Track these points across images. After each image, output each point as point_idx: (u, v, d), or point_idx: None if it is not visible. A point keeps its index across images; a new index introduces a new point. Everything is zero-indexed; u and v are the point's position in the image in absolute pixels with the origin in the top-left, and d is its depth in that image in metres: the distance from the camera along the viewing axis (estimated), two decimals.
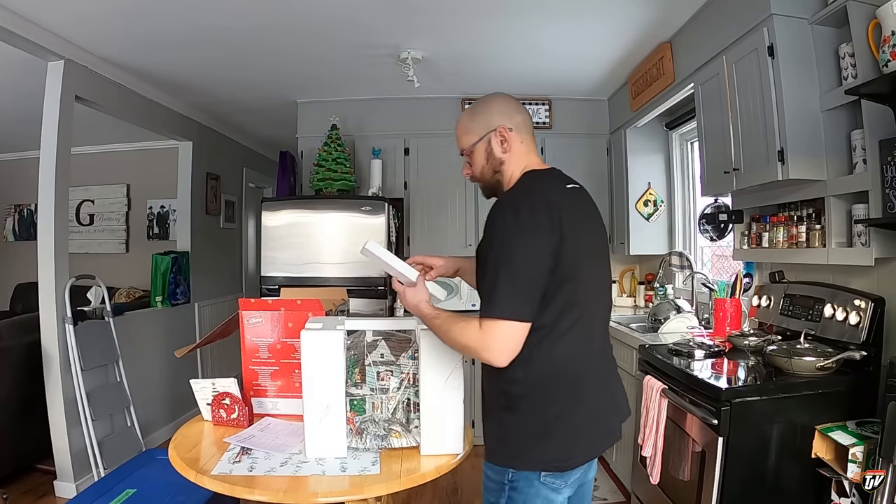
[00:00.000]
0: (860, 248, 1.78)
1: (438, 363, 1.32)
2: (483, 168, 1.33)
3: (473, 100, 3.79)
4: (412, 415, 1.36)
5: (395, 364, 1.36)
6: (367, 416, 1.36)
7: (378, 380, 1.36)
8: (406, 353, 1.36)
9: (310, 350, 1.30)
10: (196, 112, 4.11)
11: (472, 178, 1.38)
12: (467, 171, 1.38)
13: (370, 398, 1.36)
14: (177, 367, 3.82)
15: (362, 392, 1.35)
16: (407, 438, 1.36)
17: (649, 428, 2.04)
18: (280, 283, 3.19)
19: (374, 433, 1.35)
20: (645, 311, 3.45)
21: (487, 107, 1.33)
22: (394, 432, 1.35)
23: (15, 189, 5.32)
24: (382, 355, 1.36)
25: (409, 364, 1.36)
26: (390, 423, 1.36)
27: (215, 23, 2.61)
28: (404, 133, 3.84)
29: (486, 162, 1.32)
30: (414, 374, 1.35)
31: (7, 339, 2.84)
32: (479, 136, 1.31)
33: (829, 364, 1.73)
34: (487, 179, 1.35)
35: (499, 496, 1.21)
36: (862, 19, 1.70)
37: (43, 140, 2.74)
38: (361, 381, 1.36)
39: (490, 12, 2.58)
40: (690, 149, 3.51)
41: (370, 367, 1.35)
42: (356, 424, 1.35)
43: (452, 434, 1.34)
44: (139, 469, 2.28)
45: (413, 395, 1.36)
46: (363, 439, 1.35)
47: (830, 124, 1.91)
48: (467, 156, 1.35)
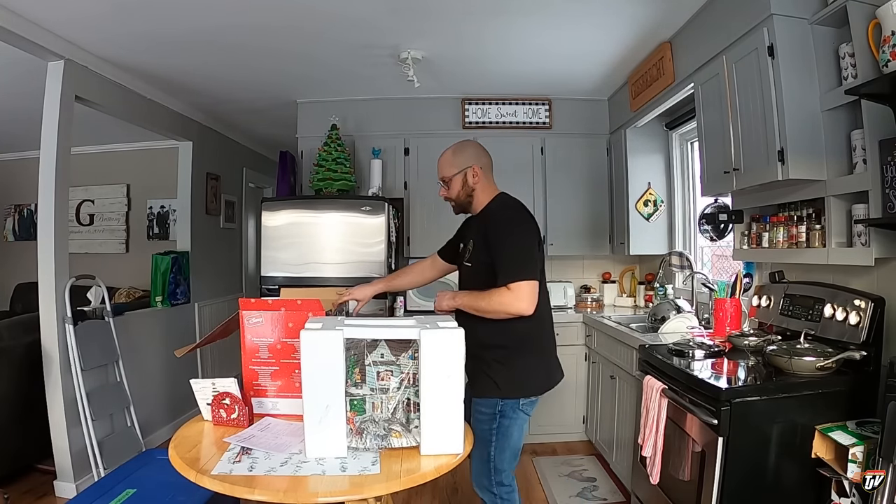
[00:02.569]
0: (860, 248, 1.78)
1: (439, 363, 1.32)
2: (459, 192, 1.88)
3: (473, 99, 3.86)
4: (412, 414, 1.36)
5: (395, 364, 1.36)
6: (366, 416, 1.36)
7: (378, 380, 1.36)
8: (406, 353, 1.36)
9: (309, 350, 1.30)
10: (196, 112, 4.11)
11: (447, 198, 1.93)
12: (444, 193, 1.92)
13: (370, 398, 1.36)
14: (177, 367, 3.82)
15: (362, 392, 1.35)
16: (407, 438, 1.36)
17: (649, 428, 2.04)
18: (280, 283, 3.19)
19: (374, 433, 1.35)
20: (645, 311, 3.45)
21: (465, 149, 1.90)
22: (394, 432, 1.36)
23: (15, 189, 5.32)
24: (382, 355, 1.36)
25: (410, 364, 1.36)
26: (390, 422, 1.36)
27: (215, 22, 2.61)
28: (404, 133, 3.85)
29: (461, 188, 1.87)
30: (414, 374, 1.35)
31: (7, 339, 2.84)
32: (458, 170, 1.87)
33: (829, 364, 1.73)
34: (461, 201, 1.90)
35: (491, 424, 1.74)
36: (862, 19, 1.70)
37: (43, 140, 2.74)
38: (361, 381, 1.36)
39: (490, 13, 2.58)
40: (690, 149, 3.51)
41: (370, 366, 1.35)
42: (356, 424, 1.35)
43: (452, 434, 1.34)
44: (139, 469, 2.28)
45: (413, 394, 1.36)
46: (363, 439, 1.35)
47: (830, 124, 1.91)
48: (447, 182, 1.90)
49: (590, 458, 3.30)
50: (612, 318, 3.22)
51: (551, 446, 3.47)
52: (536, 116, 3.90)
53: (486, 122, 3.88)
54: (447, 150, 1.92)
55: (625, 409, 2.78)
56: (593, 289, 4.06)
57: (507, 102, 3.89)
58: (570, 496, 2.84)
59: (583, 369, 3.51)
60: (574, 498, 2.82)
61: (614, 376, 2.95)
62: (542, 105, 3.91)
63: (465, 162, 1.86)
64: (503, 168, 3.76)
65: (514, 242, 1.69)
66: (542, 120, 3.90)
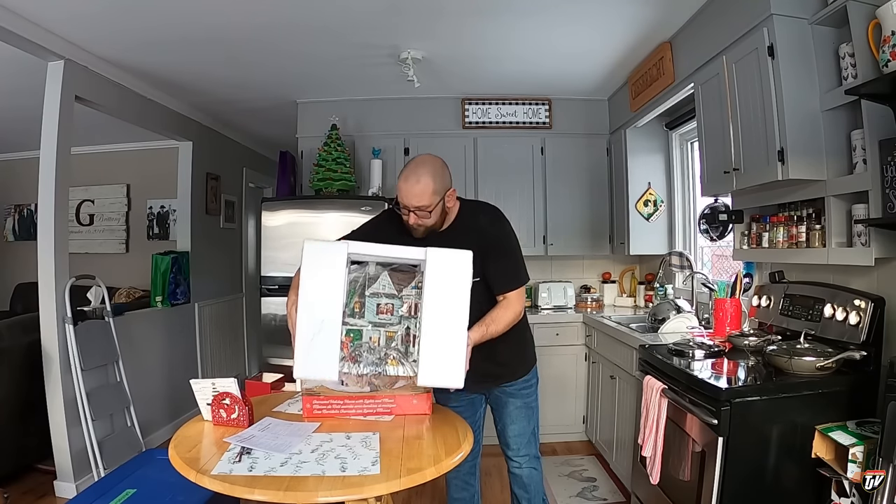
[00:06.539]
0: (860, 248, 1.78)
1: (445, 284, 1.26)
2: (437, 219, 1.71)
3: (473, 99, 3.86)
4: (411, 347, 1.31)
5: (396, 297, 1.31)
6: (363, 342, 1.30)
7: (378, 312, 1.30)
8: (409, 285, 1.31)
9: (311, 261, 1.24)
10: (196, 112, 4.11)
11: (425, 228, 1.69)
12: (419, 221, 1.67)
13: (367, 331, 1.30)
14: (177, 367, 3.82)
15: (360, 323, 1.30)
16: (404, 367, 1.29)
17: (649, 428, 2.04)
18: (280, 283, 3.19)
19: (369, 360, 1.29)
20: (645, 311, 3.45)
21: (441, 171, 1.71)
22: (391, 359, 1.29)
23: (15, 189, 5.32)
24: (384, 286, 1.31)
25: (412, 294, 1.31)
26: (387, 348, 1.30)
27: (215, 22, 2.61)
28: (404, 133, 3.84)
29: (440, 215, 1.71)
30: (416, 304, 1.29)
31: (7, 339, 2.84)
32: (440, 197, 1.68)
33: (829, 364, 1.73)
34: (436, 226, 1.72)
35: (535, 390, 1.98)
36: (862, 19, 1.70)
37: (43, 140, 2.74)
38: (360, 312, 1.30)
39: (490, 13, 2.58)
40: (690, 149, 3.51)
41: (371, 297, 1.30)
42: (350, 350, 1.29)
43: (453, 365, 1.27)
44: (139, 469, 2.28)
45: (413, 325, 1.29)
46: (358, 365, 1.29)
47: (830, 124, 1.91)
48: (427, 211, 1.66)
49: (590, 458, 3.30)
50: (612, 318, 3.22)
51: (551, 446, 3.47)
52: (536, 116, 3.90)
53: (485, 122, 3.88)
54: (424, 177, 1.64)
55: (625, 409, 2.78)
56: (593, 289, 4.06)
57: (507, 102, 3.89)
58: (570, 496, 2.84)
59: (583, 369, 3.51)
60: (574, 498, 2.82)
61: (614, 376, 2.95)
62: (542, 105, 3.91)
63: (445, 187, 1.70)
64: (503, 168, 3.83)
65: (514, 251, 1.79)
66: (542, 120, 3.90)
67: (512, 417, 1.93)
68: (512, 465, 1.98)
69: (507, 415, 1.93)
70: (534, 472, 1.98)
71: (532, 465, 1.98)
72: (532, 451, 1.98)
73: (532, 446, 1.98)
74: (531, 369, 1.96)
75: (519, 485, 1.98)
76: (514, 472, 1.98)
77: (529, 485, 1.97)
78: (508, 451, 1.98)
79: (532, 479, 1.98)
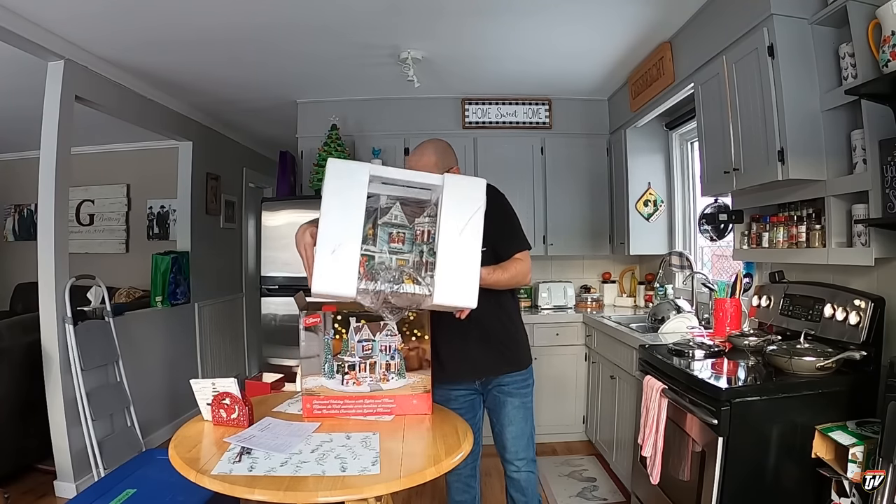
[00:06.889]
0: (860, 248, 1.78)
1: (460, 212, 1.28)
2: None
3: (473, 99, 3.86)
4: (424, 272, 1.32)
5: (408, 227, 1.32)
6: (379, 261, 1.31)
7: (390, 241, 1.32)
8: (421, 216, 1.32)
9: (334, 176, 1.25)
10: (196, 112, 4.11)
11: None
12: None
13: (381, 256, 1.32)
14: (177, 367, 3.82)
15: (374, 249, 1.31)
16: (420, 287, 1.30)
17: (649, 428, 2.04)
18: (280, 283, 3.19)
19: (385, 277, 1.29)
20: (645, 311, 3.45)
21: (445, 150, 1.87)
22: (407, 277, 1.30)
23: (15, 189, 5.32)
24: (396, 216, 1.32)
25: (425, 222, 1.31)
26: (403, 270, 1.32)
27: (215, 22, 2.61)
28: (404, 133, 3.84)
29: None
30: (429, 231, 1.31)
31: (7, 339, 2.84)
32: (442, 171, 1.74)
33: (829, 364, 1.73)
34: None
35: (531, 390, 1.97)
36: (862, 19, 1.70)
37: (43, 140, 2.74)
38: (373, 239, 1.31)
39: (490, 13, 2.58)
40: (690, 149, 3.51)
41: (383, 226, 1.31)
42: (366, 269, 1.30)
43: (467, 285, 1.29)
44: (139, 469, 2.28)
45: (426, 250, 1.32)
46: (375, 282, 1.29)
47: (830, 124, 1.91)
48: None
49: (590, 458, 3.30)
50: (612, 318, 3.22)
51: (551, 446, 3.47)
52: (536, 116, 3.90)
53: (486, 122, 3.88)
54: (428, 151, 1.84)
55: (625, 409, 2.78)
56: (593, 289, 4.06)
57: (507, 102, 3.89)
58: (570, 496, 2.84)
59: (583, 369, 3.51)
60: (574, 498, 2.82)
61: (614, 376, 2.95)
62: (542, 105, 3.91)
63: (448, 163, 1.84)
64: (503, 168, 3.83)
65: (513, 216, 1.87)
66: (542, 120, 3.90)
67: (510, 418, 1.93)
68: (510, 469, 1.98)
69: (506, 415, 1.93)
70: (531, 476, 1.99)
71: (529, 469, 1.99)
72: (529, 455, 1.99)
73: (529, 450, 1.99)
74: (528, 366, 1.97)
75: (516, 489, 1.99)
76: (512, 476, 1.98)
77: (527, 488, 1.98)
78: (506, 454, 1.97)
79: (529, 483, 1.98)
